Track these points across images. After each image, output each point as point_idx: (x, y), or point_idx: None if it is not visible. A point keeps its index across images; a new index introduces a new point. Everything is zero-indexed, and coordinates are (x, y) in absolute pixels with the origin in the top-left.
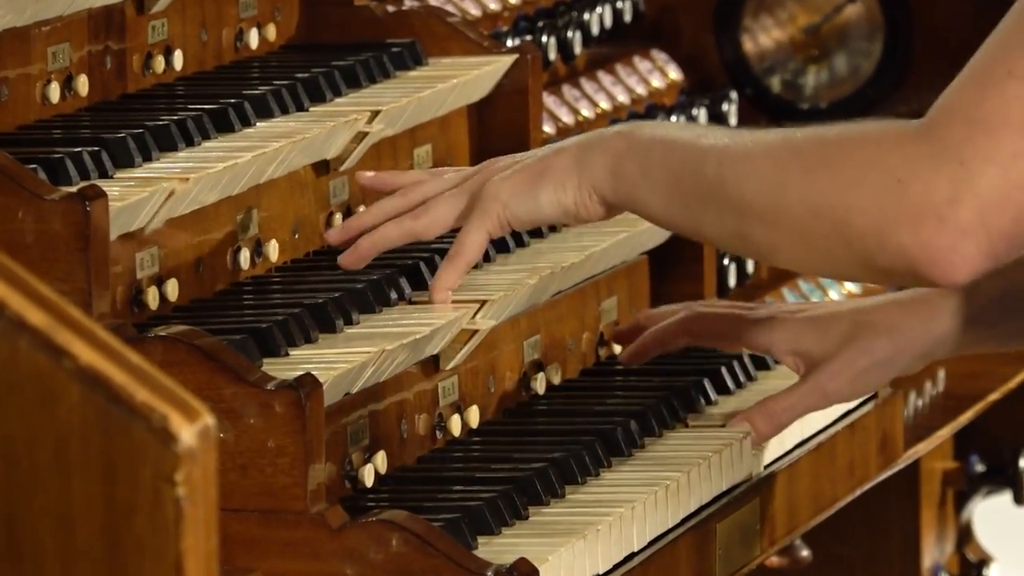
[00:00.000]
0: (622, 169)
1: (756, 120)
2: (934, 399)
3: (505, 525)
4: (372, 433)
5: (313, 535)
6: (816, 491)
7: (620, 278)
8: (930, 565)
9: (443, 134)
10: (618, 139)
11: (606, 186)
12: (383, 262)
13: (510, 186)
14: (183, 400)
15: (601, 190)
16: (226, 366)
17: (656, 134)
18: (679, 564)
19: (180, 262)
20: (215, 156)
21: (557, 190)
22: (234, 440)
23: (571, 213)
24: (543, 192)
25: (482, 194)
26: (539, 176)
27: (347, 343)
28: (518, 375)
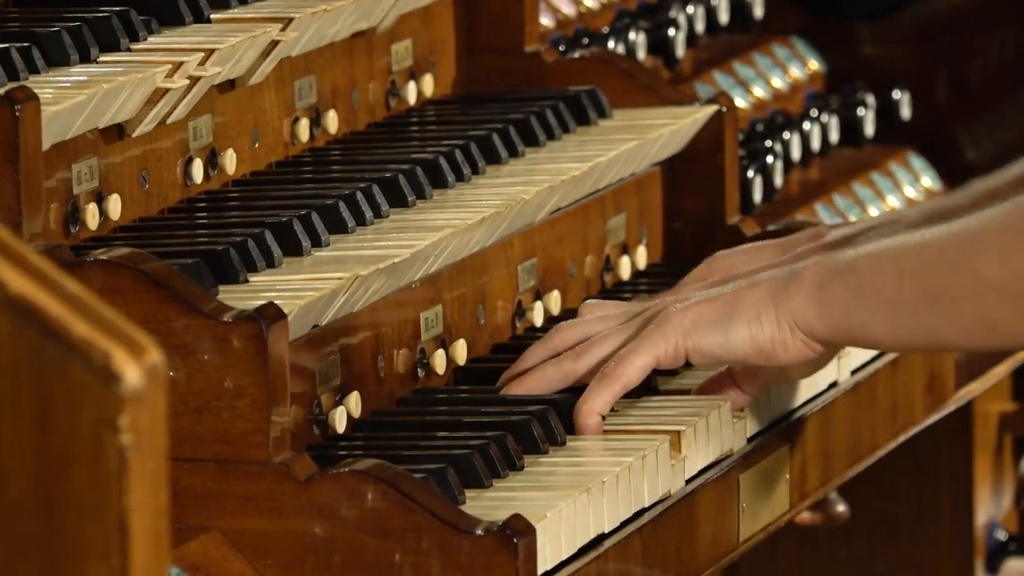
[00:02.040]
0: (828, 295)
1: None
2: None
3: (497, 476)
4: (344, 372)
5: (277, 488)
6: (853, 438)
7: (629, 193)
8: (984, 522)
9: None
10: (814, 267)
11: (813, 318)
12: (358, 175)
13: (695, 315)
14: (127, 334)
15: (807, 324)
16: (176, 295)
17: (859, 251)
18: (697, 521)
19: (123, 175)
20: (161, 55)
21: (751, 325)
22: (186, 380)
23: (765, 352)
24: (734, 326)
25: (660, 319)
26: (730, 309)
27: (315, 268)
28: (512, 305)
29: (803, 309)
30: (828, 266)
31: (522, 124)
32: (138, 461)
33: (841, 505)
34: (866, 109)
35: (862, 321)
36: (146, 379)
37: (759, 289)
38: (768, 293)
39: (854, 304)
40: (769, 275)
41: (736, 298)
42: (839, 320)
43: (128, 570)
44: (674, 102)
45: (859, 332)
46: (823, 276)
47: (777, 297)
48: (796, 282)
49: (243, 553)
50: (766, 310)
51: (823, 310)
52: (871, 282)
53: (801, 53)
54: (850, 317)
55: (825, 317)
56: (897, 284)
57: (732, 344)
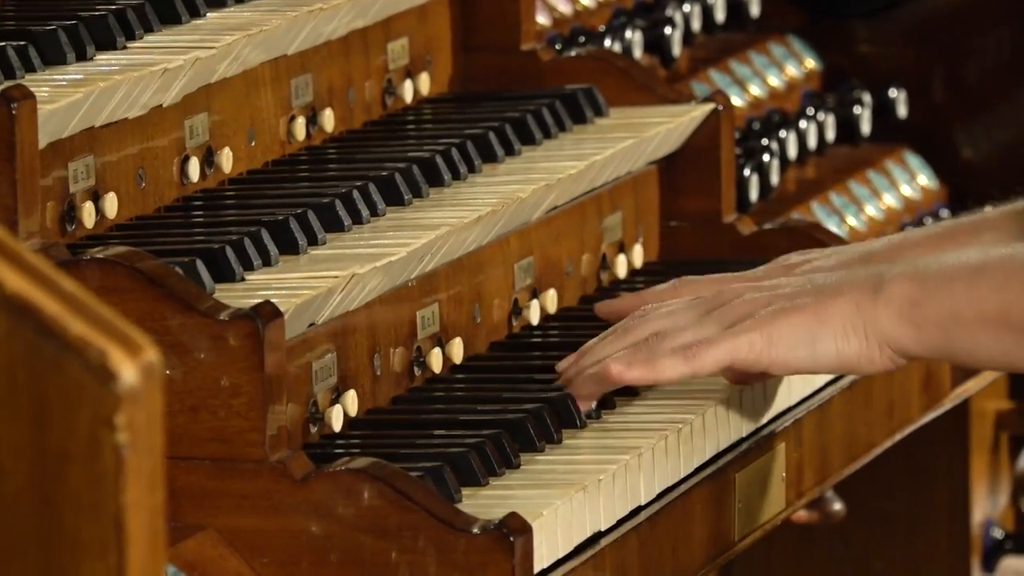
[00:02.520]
0: (921, 318)
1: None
2: None
3: (493, 475)
4: (341, 370)
5: (273, 487)
6: (850, 436)
7: (625, 191)
8: (981, 520)
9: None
10: (904, 283)
11: (907, 339)
12: (354, 173)
13: (782, 325)
14: (124, 333)
15: (901, 345)
16: (173, 293)
17: (946, 267)
18: (693, 519)
19: (120, 174)
20: (158, 52)
21: (839, 340)
22: (182, 378)
23: (850, 366)
24: (822, 341)
25: (745, 316)
26: (817, 322)
27: (312, 266)
28: (508, 303)
29: (894, 329)
30: (918, 281)
31: (518, 123)
32: (134, 459)
33: (837, 503)
34: (862, 107)
35: (964, 344)
36: (142, 377)
37: (845, 301)
38: (855, 307)
39: (954, 328)
40: (852, 281)
41: (822, 309)
42: (937, 344)
43: (124, 568)
44: (671, 101)
45: (961, 354)
46: (915, 295)
47: (864, 312)
48: (884, 298)
49: (239, 551)
50: (854, 326)
51: (918, 332)
52: (971, 306)
53: (797, 51)
54: (950, 341)
55: (921, 338)
56: (1003, 310)
57: (819, 360)
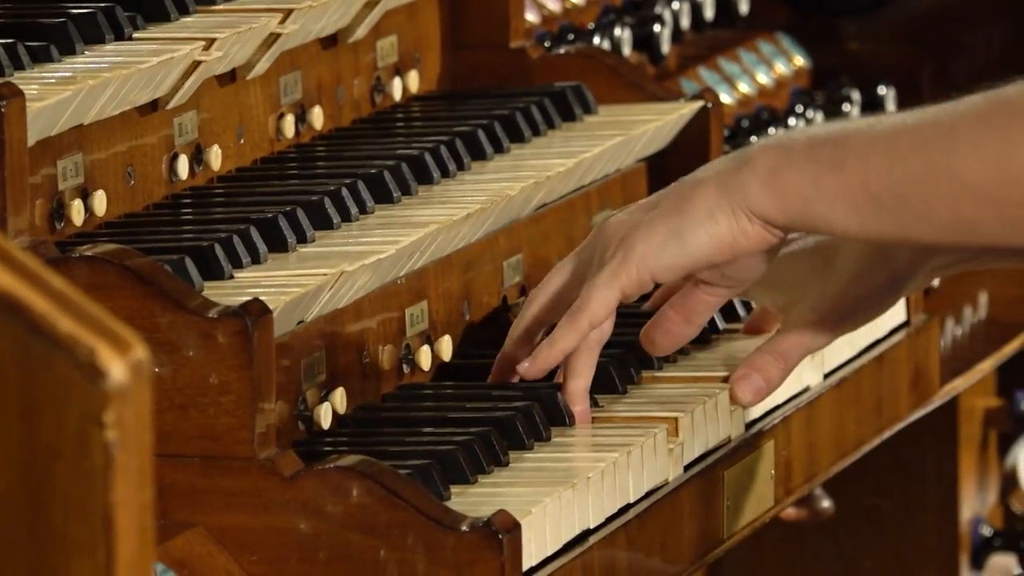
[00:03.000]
0: (784, 184)
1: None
2: (975, 327)
3: (482, 473)
4: (329, 367)
5: (262, 484)
6: (838, 433)
7: (614, 188)
8: (970, 517)
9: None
10: (766, 153)
11: (769, 207)
12: (343, 171)
13: (647, 235)
14: (113, 330)
15: (764, 212)
16: (162, 291)
17: (812, 136)
18: (682, 517)
19: (109, 171)
20: (147, 49)
21: (706, 224)
22: (171, 376)
23: (727, 245)
24: (689, 231)
25: (613, 246)
26: (679, 214)
27: (300, 264)
28: (497, 300)
29: (757, 197)
30: (782, 150)
31: (507, 120)
32: (123, 457)
33: (826, 501)
34: (851, 105)
35: (822, 213)
36: (131, 375)
37: (706, 185)
38: (717, 187)
39: (814, 195)
40: (714, 166)
41: (683, 201)
42: (798, 210)
43: (113, 566)
44: (659, 98)
45: (820, 223)
46: (777, 162)
47: (728, 187)
48: (747, 168)
49: (228, 549)
50: (718, 204)
51: (780, 200)
52: (832, 172)
53: (786, 49)
54: (809, 207)
55: (782, 207)
56: (861, 177)
57: (691, 249)
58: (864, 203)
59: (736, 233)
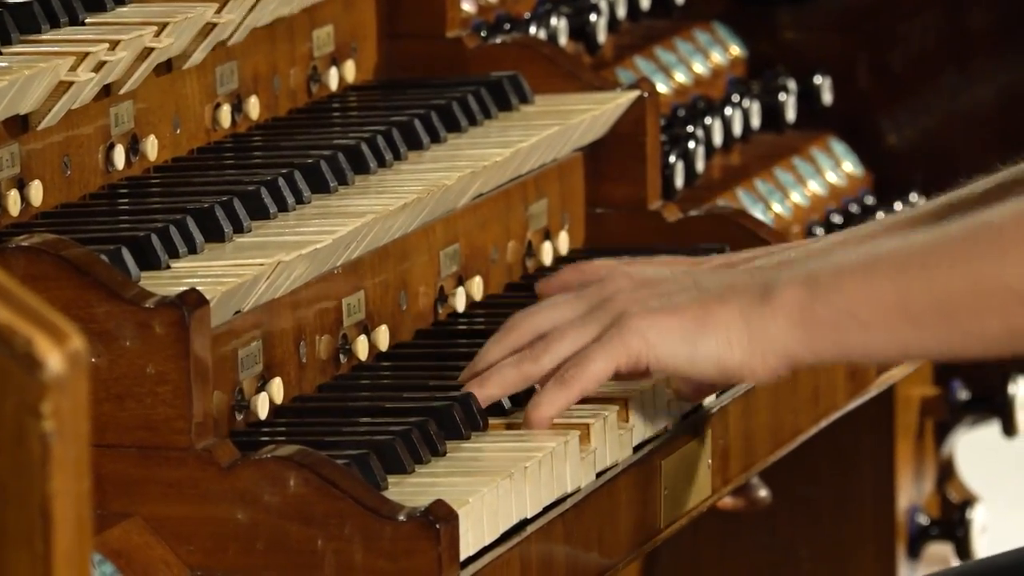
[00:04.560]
0: (814, 320)
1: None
2: None
3: (419, 462)
4: (266, 358)
5: (199, 474)
6: (775, 423)
7: (551, 178)
8: (906, 506)
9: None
10: (793, 289)
11: (798, 346)
12: (279, 160)
13: (661, 327)
14: (49, 320)
15: (791, 353)
16: (98, 281)
17: (838, 264)
18: (619, 506)
19: (44, 161)
20: (83, 39)
21: (721, 347)
22: (108, 366)
23: (730, 375)
24: (702, 345)
25: (622, 325)
26: (699, 326)
27: (237, 253)
28: (434, 290)
29: (784, 339)
30: (808, 285)
31: (444, 110)
32: (60, 447)
33: (763, 490)
34: (787, 94)
35: (859, 343)
36: (68, 366)
37: (730, 308)
38: (740, 315)
39: (849, 327)
40: (738, 287)
41: (706, 313)
42: (831, 345)
43: (51, 556)
44: (596, 87)
45: (857, 354)
46: (805, 298)
47: (750, 321)
48: (771, 307)
49: (165, 539)
50: (738, 334)
51: (810, 338)
52: (865, 303)
53: (722, 38)
54: (844, 341)
55: (812, 344)
56: (900, 301)
57: (698, 363)
58: (905, 327)
59: (744, 368)
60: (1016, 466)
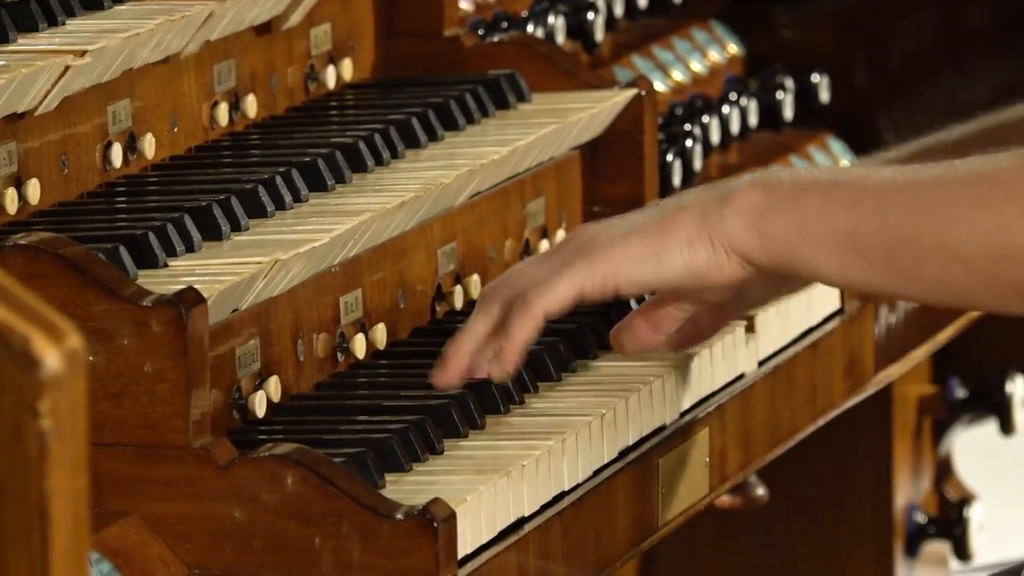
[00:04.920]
0: (768, 227)
1: None
2: (909, 315)
3: (417, 461)
4: (264, 356)
5: (196, 473)
6: (773, 421)
7: (548, 176)
8: (904, 504)
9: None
10: (752, 192)
11: (752, 247)
12: (277, 159)
13: (622, 246)
14: (47, 319)
15: (745, 251)
16: (96, 279)
17: (799, 179)
18: (616, 504)
19: (42, 160)
20: (81, 38)
21: (684, 251)
22: (106, 364)
23: (699, 275)
24: (666, 253)
25: (587, 248)
26: (660, 235)
27: (235, 252)
28: (432, 289)
29: (740, 236)
30: (767, 191)
31: (441, 108)
32: (58, 446)
33: (760, 488)
34: (785, 93)
35: (807, 258)
36: (66, 364)
37: (689, 212)
38: (700, 216)
39: (798, 240)
40: (699, 195)
41: (665, 224)
42: (780, 253)
43: (48, 555)
44: (593, 86)
45: (803, 268)
46: (761, 202)
47: (710, 220)
48: (731, 205)
49: (163, 538)
50: (699, 234)
51: (762, 241)
52: (818, 221)
53: (720, 37)
54: (793, 251)
55: (765, 248)
56: (849, 229)
57: (665, 272)
58: (850, 255)
59: (712, 265)
60: (1014, 464)
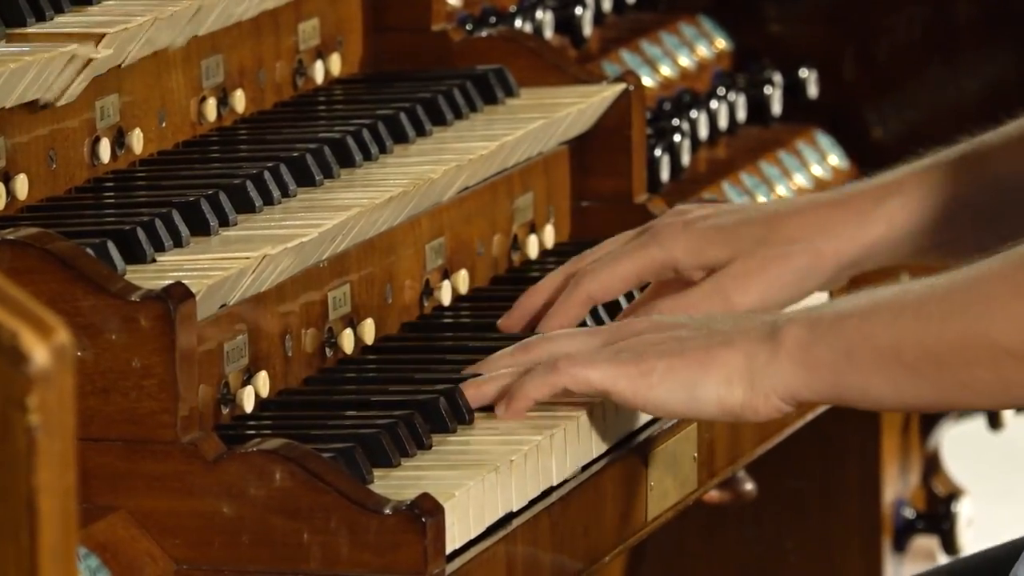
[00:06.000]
0: (814, 360)
1: None
2: None
3: (405, 456)
4: (252, 351)
5: (185, 468)
6: None
7: (536, 171)
8: (892, 499)
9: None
10: (794, 328)
11: (800, 385)
12: (265, 154)
13: (666, 368)
14: (35, 314)
15: (791, 391)
16: (84, 274)
17: (838, 308)
18: (605, 500)
19: (31, 155)
20: (66, 32)
21: (721, 388)
22: (94, 359)
23: (733, 414)
24: (704, 388)
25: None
26: (701, 369)
27: (223, 247)
28: (420, 284)
29: (785, 376)
30: (808, 325)
31: (429, 103)
32: (46, 441)
33: (749, 483)
34: (773, 87)
35: (856, 385)
36: (54, 359)
37: (734, 351)
38: (744, 357)
39: (846, 368)
40: (744, 330)
41: (709, 357)
42: (829, 386)
43: (36, 550)
44: (581, 81)
45: (854, 396)
46: (806, 338)
47: (753, 362)
48: (775, 346)
49: (151, 533)
50: (740, 375)
51: (810, 376)
52: (863, 344)
53: (708, 31)
54: (842, 381)
55: (813, 384)
56: (895, 347)
57: (698, 406)
58: (899, 371)
59: (747, 408)
60: (1002, 459)
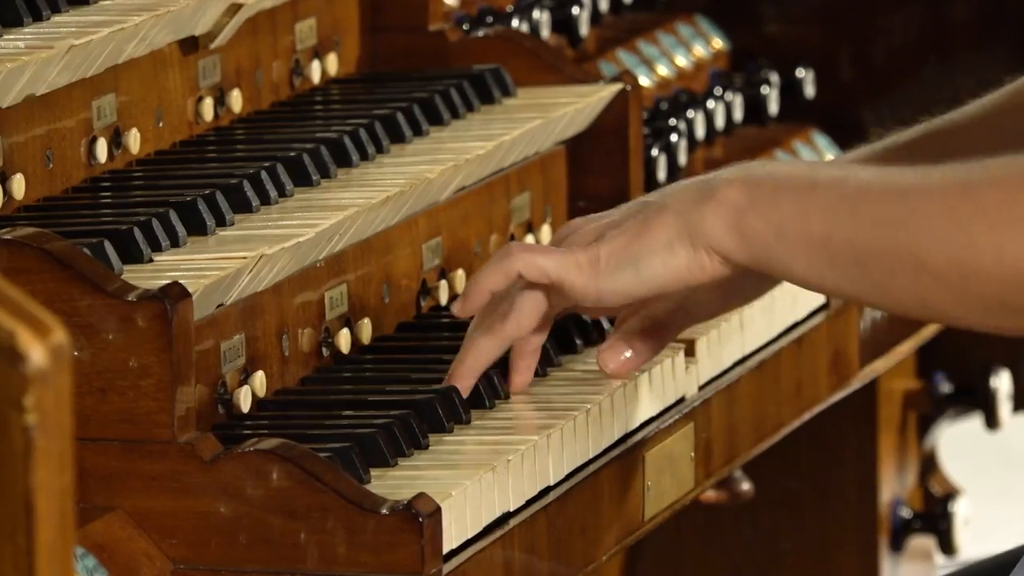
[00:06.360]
0: (747, 227)
1: None
2: None
3: (402, 456)
4: (249, 351)
5: (182, 468)
6: (758, 416)
7: (533, 171)
8: (889, 499)
9: (330, 8)
10: (731, 189)
11: (731, 246)
12: (262, 154)
13: (606, 252)
14: (32, 314)
15: (725, 250)
16: (81, 274)
17: (778, 177)
18: (602, 499)
19: (27, 155)
20: (65, 32)
21: (663, 254)
22: (91, 359)
23: (683, 278)
24: (646, 258)
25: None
26: (639, 243)
27: (220, 247)
28: (417, 283)
29: (719, 236)
30: (746, 189)
31: (426, 103)
32: (43, 441)
33: (746, 483)
34: (770, 87)
35: (784, 260)
36: (51, 359)
37: (667, 215)
38: (677, 218)
39: (775, 242)
40: (679, 193)
41: (645, 228)
42: (759, 252)
43: (33, 550)
44: (578, 80)
45: (780, 269)
46: (742, 203)
47: (689, 220)
48: (711, 203)
49: (148, 532)
50: (678, 235)
51: (741, 240)
52: (794, 223)
53: (705, 31)
54: (771, 252)
55: (744, 248)
56: (824, 235)
57: (645, 277)
58: (825, 261)
59: (693, 266)
60: (999, 459)
